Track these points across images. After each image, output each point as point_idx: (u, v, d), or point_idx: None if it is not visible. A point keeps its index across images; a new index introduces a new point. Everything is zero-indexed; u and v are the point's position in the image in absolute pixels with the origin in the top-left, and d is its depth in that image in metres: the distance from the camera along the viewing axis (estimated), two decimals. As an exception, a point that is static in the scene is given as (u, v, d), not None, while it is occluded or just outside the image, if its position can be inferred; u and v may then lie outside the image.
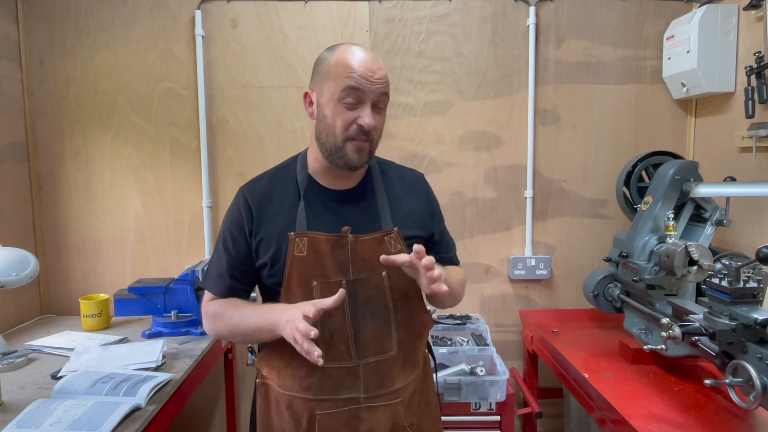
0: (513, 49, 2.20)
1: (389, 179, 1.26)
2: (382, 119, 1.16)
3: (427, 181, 1.35)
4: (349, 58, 1.10)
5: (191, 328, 1.85)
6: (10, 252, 1.59)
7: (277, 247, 1.15)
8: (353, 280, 1.14)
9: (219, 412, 2.31)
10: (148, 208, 2.21)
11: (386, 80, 1.13)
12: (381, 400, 1.16)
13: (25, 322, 2.05)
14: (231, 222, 1.22)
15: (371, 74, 1.09)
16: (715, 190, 1.63)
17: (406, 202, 1.25)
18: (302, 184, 1.20)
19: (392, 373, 1.18)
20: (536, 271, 2.25)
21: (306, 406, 1.15)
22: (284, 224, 1.16)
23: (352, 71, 1.09)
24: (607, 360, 1.67)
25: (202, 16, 2.12)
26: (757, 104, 1.77)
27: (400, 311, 1.19)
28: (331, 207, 1.19)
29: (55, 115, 2.15)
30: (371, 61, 1.11)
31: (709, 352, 1.23)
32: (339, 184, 1.21)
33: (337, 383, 1.14)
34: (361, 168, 1.19)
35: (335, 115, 1.12)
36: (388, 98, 1.16)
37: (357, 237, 1.15)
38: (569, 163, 2.25)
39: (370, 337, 1.15)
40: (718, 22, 1.90)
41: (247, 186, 1.25)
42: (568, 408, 2.24)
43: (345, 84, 1.09)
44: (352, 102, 1.10)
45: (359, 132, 1.11)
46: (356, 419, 1.15)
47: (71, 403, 1.25)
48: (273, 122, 2.20)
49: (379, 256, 1.09)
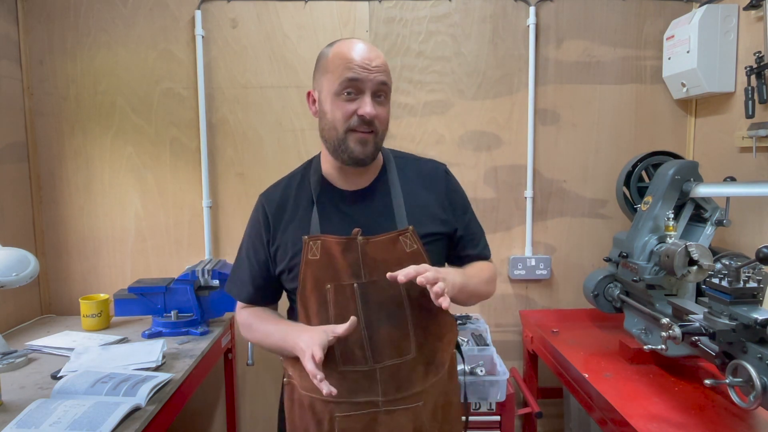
0: (513, 49, 2.20)
1: (406, 175, 1.22)
2: (384, 110, 1.13)
3: (448, 172, 1.29)
4: (346, 50, 1.10)
5: (191, 328, 1.85)
6: (10, 252, 1.59)
7: (294, 253, 1.16)
8: (365, 282, 1.12)
9: (219, 412, 2.31)
10: (148, 208, 2.21)
11: (385, 68, 1.12)
12: (400, 404, 1.14)
13: (25, 322, 2.05)
14: (251, 230, 1.25)
15: (368, 62, 1.09)
16: (715, 190, 1.63)
17: (423, 198, 1.20)
18: (315, 187, 1.19)
19: (411, 376, 1.15)
20: (536, 271, 2.25)
21: (326, 408, 1.15)
22: (299, 230, 1.16)
23: (349, 62, 1.08)
24: (607, 360, 1.67)
25: (202, 16, 2.12)
26: (757, 104, 1.77)
27: (418, 313, 1.15)
28: (343, 209, 1.17)
29: (55, 115, 2.15)
30: (368, 51, 1.10)
31: (709, 352, 1.23)
32: (352, 184, 1.20)
33: (354, 387, 1.13)
34: (368, 161, 1.14)
35: (335, 108, 1.10)
36: (389, 88, 1.13)
37: (368, 239, 1.12)
38: (569, 163, 2.25)
39: (386, 340, 1.13)
40: (718, 22, 1.90)
41: (265, 194, 1.26)
42: (568, 408, 2.24)
43: (343, 76, 1.08)
44: (352, 93, 1.09)
45: (360, 122, 1.09)
46: (375, 422, 1.13)
47: (71, 403, 1.25)
48: (273, 122, 2.20)
49: (393, 256, 1.09)
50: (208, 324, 1.93)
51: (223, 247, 2.24)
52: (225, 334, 1.99)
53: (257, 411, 2.33)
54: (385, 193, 1.19)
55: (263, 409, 2.32)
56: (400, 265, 1.04)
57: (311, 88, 1.20)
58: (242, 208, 2.23)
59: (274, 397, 2.30)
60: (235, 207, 2.23)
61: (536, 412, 1.91)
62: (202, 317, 1.89)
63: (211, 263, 2.01)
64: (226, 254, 2.24)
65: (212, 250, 2.21)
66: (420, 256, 1.13)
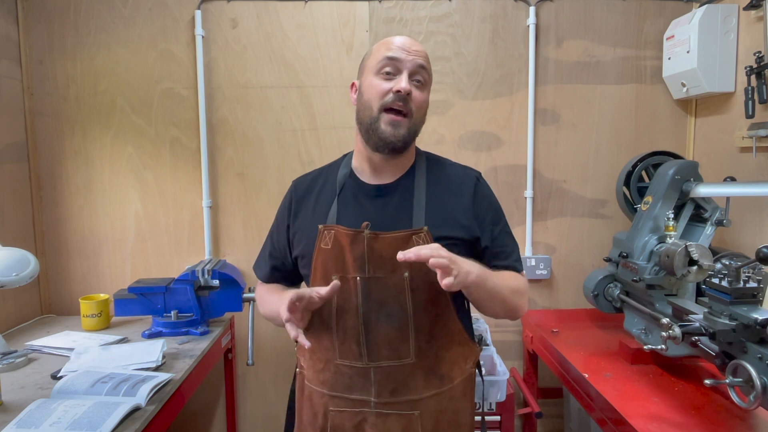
0: (513, 49, 2.20)
1: (434, 176, 1.20)
2: (422, 95, 1.14)
3: (480, 179, 1.24)
4: (390, 39, 1.15)
5: (191, 328, 1.85)
6: (10, 252, 1.58)
7: (308, 241, 1.18)
8: (368, 278, 1.10)
9: (219, 412, 2.30)
10: (148, 208, 2.21)
11: (425, 55, 1.14)
12: (393, 408, 1.12)
13: (25, 322, 2.05)
14: (279, 213, 1.31)
15: (408, 46, 1.12)
16: (715, 190, 1.63)
17: (446, 201, 1.17)
18: (341, 179, 1.21)
19: (408, 382, 1.12)
20: (536, 271, 2.25)
21: (321, 401, 1.17)
22: (317, 218, 1.18)
23: (389, 44, 1.13)
24: (607, 360, 1.67)
25: (202, 16, 2.12)
26: (757, 104, 1.77)
27: (421, 317, 1.11)
28: (361, 201, 1.17)
29: (55, 115, 2.15)
30: (410, 39, 1.15)
31: (709, 352, 1.23)
32: (378, 179, 1.19)
33: (349, 382, 1.13)
34: (399, 145, 1.12)
35: (372, 87, 1.12)
36: (428, 74, 1.15)
37: (376, 234, 1.10)
38: (569, 163, 2.25)
39: (383, 339, 1.11)
40: (718, 22, 1.90)
41: (296, 180, 1.31)
42: (568, 408, 2.24)
43: (381, 56, 1.12)
44: (390, 72, 1.11)
45: (396, 99, 1.09)
46: (366, 423, 1.13)
47: (71, 403, 1.25)
48: (273, 122, 2.20)
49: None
50: (208, 324, 1.93)
51: (223, 247, 2.24)
52: (225, 334, 1.99)
53: (257, 411, 2.32)
54: (407, 192, 1.17)
55: (263, 409, 2.32)
56: (409, 266, 1.02)
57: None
58: (242, 208, 2.23)
59: (274, 397, 2.31)
60: (235, 207, 2.23)
61: (536, 412, 1.91)
62: (202, 317, 1.89)
63: (211, 263, 2.01)
64: (226, 254, 2.24)
65: (212, 250, 2.21)
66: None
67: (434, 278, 0.99)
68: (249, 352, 1.87)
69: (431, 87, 1.20)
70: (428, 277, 1.05)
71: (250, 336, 1.89)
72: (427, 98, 1.16)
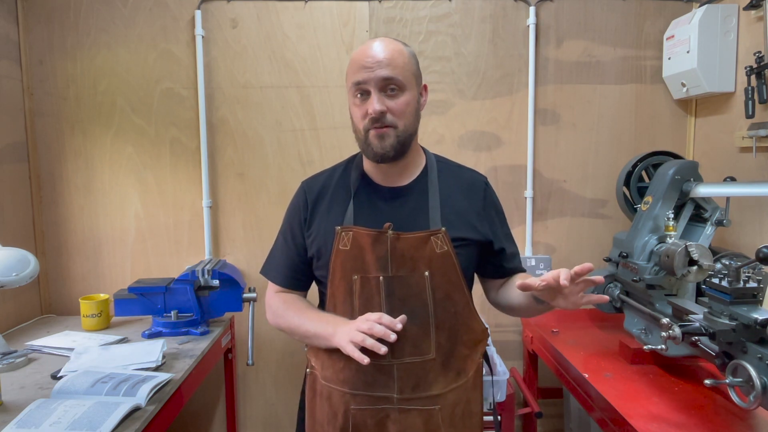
0: (513, 49, 2.20)
1: (445, 179, 1.25)
2: (398, 101, 1.12)
3: (488, 185, 1.30)
4: (356, 54, 1.15)
5: (191, 328, 1.85)
6: (10, 252, 1.58)
7: (324, 241, 1.19)
8: (391, 276, 1.14)
9: (219, 412, 2.31)
10: (148, 208, 2.21)
11: (388, 62, 1.10)
12: (415, 404, 1.15)
13: (25, 322, 2.05)
14: (291, 215, 1.30)
15: (371, 61, 1.11)
16: (715, 190, 1.63)
17: (459, 203, 1.22)
18: (355, 181, 1.23)
19: (429, 377, 1.15)
20: (536, 271, 2.25)
21: (342, 399, 1.17)
22: (333, 219, 1.19)
23: (355, 66, 1.13)
24: (607, 360, 1.67)
25: (202, 16, 2.12)
26: (757, 104, 1.77)
27: (442, 314, 1.16)
28: (379, 204, 1.20)
29: (55, 115, 2.15)
30: (374, 48, 1.12)
31: (709, 352, 1.23)
32: (391, 182, 1.23)
33: (371, 379, 1.15)
34: (391, 155, 1.14)
35: (353, 112, 1.17)
36: (402, 76, 1.12)
37: (399, 234, 1.14)
38: (569, 163, 2.25)
39: (406, 336, 1.13)
40: (718, 22, 1.90)
41: (307, 181, 1.31)
42: (568, 408, 2.24)
43: (351, 82, 1.14)
44: (363, 95, 1.13)
45: (372, 121, 1.12)
46: (388, 419, 1.15)
47: (71, 403, 1.25)
48: (273, 122, 2.20)
49: (422, 255, 1.12)
50: (208, 324, 1.93)
51: (223, 247, 2.24)
52: (225, 334, 1.99)
53: (257, 411, 2.32)
54: (422, 193, 1.21)
55: (263, 409, 2.32)
56: (429, 265, 1.11)
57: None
58: (242, 208, 2.23)
59: (274, 397, 2.31)
60: (235, 207, 2.23)
61: (536, 412, 1.91)
62: (202, 317, 1.89)
63: (211, 263, 2.01)
64: (226, 254, 2.24)
65: (212, 250, 2.21)
66: (449, 258, 1.15)
67: (452, 276, 1.13)
68: (249, 352, 1.88)
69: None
70: (447, 275, 1.13)
71: (250, 336, 1.89)
72: (410, 98, 1.15)
